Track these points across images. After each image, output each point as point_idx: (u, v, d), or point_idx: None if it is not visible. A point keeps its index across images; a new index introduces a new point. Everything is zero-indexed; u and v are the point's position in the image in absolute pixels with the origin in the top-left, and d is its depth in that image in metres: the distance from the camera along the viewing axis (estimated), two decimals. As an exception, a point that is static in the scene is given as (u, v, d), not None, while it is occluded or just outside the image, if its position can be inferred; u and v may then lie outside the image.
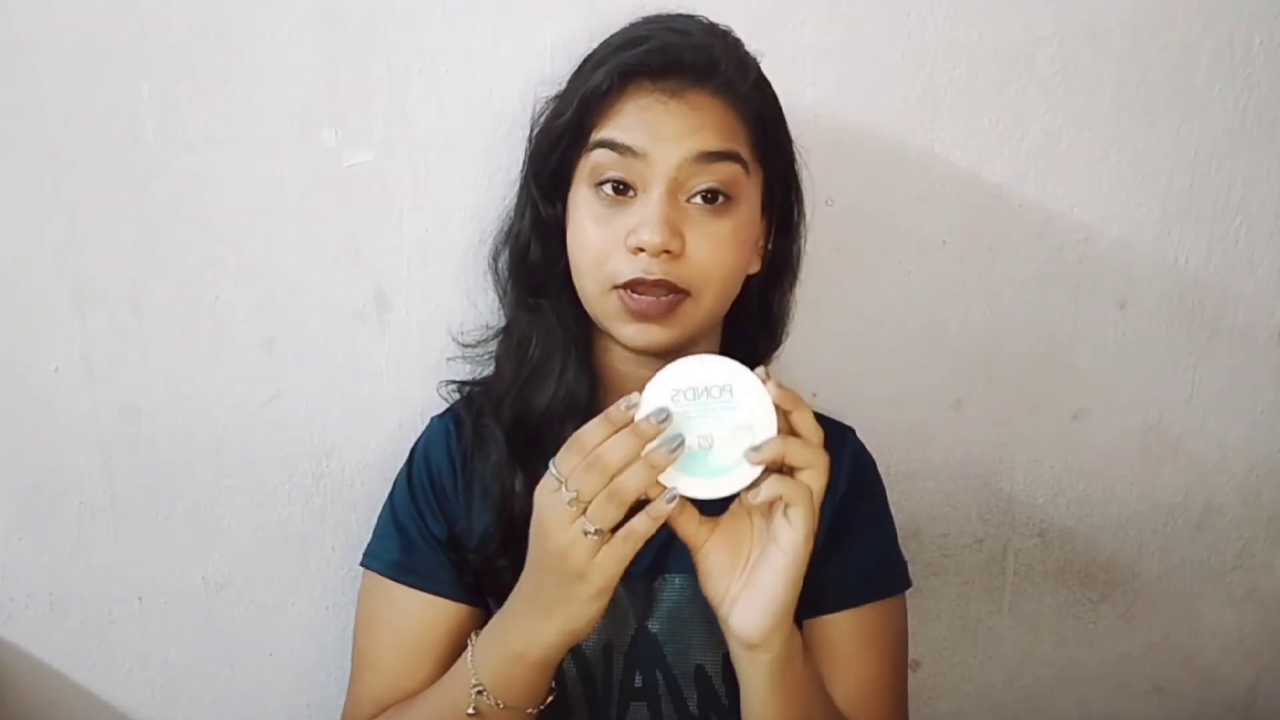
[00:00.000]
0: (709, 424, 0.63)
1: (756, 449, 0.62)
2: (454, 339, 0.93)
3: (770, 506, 0.64)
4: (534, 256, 0.82)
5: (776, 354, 0.92)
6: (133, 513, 0.96)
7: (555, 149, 0.78)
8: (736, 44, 0.79)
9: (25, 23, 0.86)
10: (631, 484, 0.61)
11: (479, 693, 0.70)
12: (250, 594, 0.99)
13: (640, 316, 0.74)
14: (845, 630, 0.82)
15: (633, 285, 0.73)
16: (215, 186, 0.90)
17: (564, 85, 0.80)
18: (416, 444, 0.87)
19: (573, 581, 0.63)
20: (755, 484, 0.63)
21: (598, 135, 0.75)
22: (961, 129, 0.96)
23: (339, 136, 0.90)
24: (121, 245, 0.90)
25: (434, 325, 0.95)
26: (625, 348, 0.78)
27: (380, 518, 0.86)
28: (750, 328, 0.87)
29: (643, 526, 0.62)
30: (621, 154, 0.73)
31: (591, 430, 0.63)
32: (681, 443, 0.62)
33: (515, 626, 0.69)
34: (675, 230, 0.72)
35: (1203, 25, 0.96)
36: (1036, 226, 0.99)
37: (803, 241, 0.87)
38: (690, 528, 0.66)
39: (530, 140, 0.83)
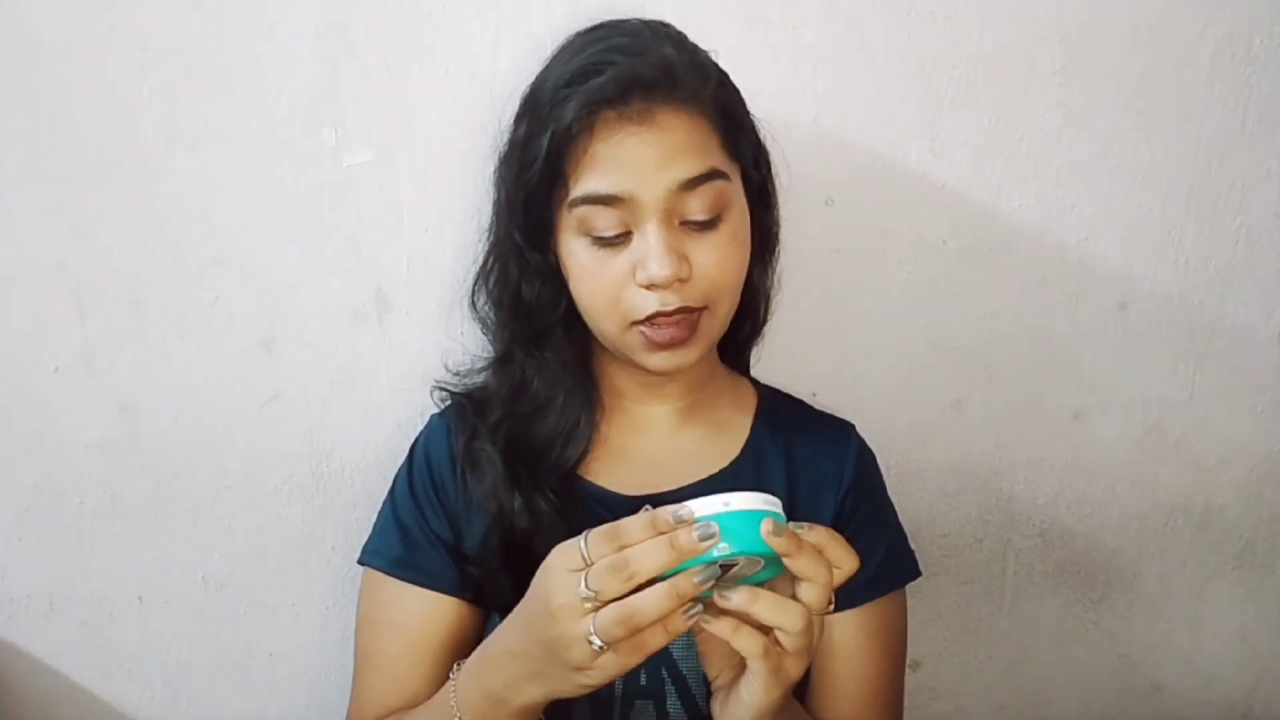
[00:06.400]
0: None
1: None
2: (444, 365, 0.92)
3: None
4: (528, 295, 0.80)
5: (761, 339, 0.90)
6: (133, 513, 0.96)
7: (533, 202, 0.75)
8: (682, 40, 0.76)
9: (25, 22, 0.86)
10: (648, 610, 0.56)
11: None
12: (250, 594, 0.99)
13: (666, 346, 0.74)
14: (849, 629, 0.82)
15: (652, 319, 0.73)
16: (215, 186, 0.90)
17: (518, 114, 0.77)
18: (417, 441, 0.87)
19: (566, 670, 0.60)
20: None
21: (577, 190, 0.72)
22: (961, 129, 0.96)
23: (339, 136, 0.90)
24: (121, 245, 0.90)
25: (434, 325, 0.95)
26: (651, 373, 0.78)
27: (380, 515, 0.86)
28: (736, 311, 0.86)
29: (655, 642, 0.58)
30: (607, 204, 0.72)
31: (632, 527, 0.58)
32: (715, 577, 0.58)
33: (500, 673, 0.65)
34: (681, 256, 0.72)
35: (1203, 25, 0.96)
36: (1036, 226, 0.99)
37: (779, 211, 0.84)
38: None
39: (498, 182, 0.81)
